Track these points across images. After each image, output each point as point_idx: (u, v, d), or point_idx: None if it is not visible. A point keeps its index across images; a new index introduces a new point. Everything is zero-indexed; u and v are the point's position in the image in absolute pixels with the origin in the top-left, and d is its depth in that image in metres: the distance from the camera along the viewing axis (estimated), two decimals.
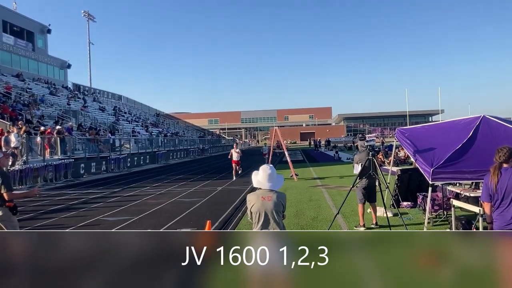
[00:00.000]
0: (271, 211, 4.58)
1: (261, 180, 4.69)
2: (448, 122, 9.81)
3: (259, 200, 4.59)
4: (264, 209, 4.55)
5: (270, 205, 4.58)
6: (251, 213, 4.66)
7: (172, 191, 17.42)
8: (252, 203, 4.63)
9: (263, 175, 4.69)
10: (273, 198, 4.64)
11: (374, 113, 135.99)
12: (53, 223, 11.12)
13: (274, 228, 4.54)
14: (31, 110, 31.39)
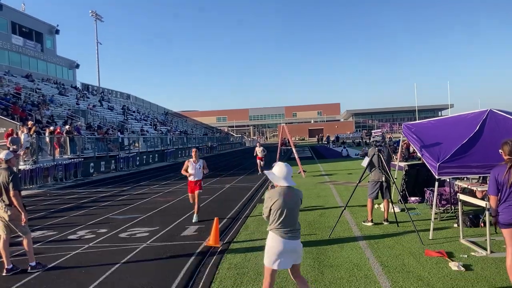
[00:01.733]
0: (293, 208, 4.54)
1: (280, 176, 4.62)
2: (455, 116, 9.76)
3: (281, 197, 4.50)
4: (286, 206, 4.49)
5: (292, 202, 4.54)
6: (270, 210, 4.56)
7: (181, 189, 17.52)
8: (273, 200, 4.53)
9: (281, 172, 4.63)
10: (294, 195, 4.62)
11: (382, 109, 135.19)
12: (63, 222, 11.26)
13: (292, 225, 4.50)
14: (41, 110, 31.69)
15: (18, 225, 6.87)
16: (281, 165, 4.69)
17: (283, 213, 4.48)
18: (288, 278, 5.91)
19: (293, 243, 4.49)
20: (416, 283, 5.63)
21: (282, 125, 24.24)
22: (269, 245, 4.49)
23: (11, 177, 6.76)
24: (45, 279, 6.54)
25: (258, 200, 13.74)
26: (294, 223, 4.55)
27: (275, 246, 4.43)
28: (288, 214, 4.49)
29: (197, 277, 6.32)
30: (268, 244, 4.51)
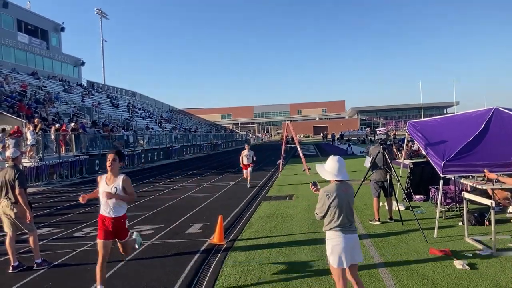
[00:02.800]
0: (349, 202, 4.49)
1: (333, 171, 4.52)
2: (460, 114, 9.73)
3: (339, 192, 4.44)
4: (344, 201, 4.44)
5: (348, 196, 4.50)
6: (328, 207, 4.45)
7: (186, 187, 17.57)
8: (332, 196, 4.43)
9: (334, 166, 4.53)
10: (349, 188, 4.56)
11: (388, 106, 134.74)
12: (68, 219, 11.32)
13: (349, 219, 4.46)
14: (46, 107, 31.82)
15: (24, 222, 6.92)
16: (333, 159, 4.58)
17: (342, 209, 4.42)
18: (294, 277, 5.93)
19: (353, 237, 4.47)
20: (420, 282, 5.63)
21: (286, 122, 24.22)
22: (333, 245, 4.42)
23: (17, 175, 6.81)
24: (50, 276, 6.59)
25: (262, 197, 13.75)
26: (352, 217, 4.52)
27: (338, 244, 4.39)
28: (346, 209, 4.45)
29: (201, 274, 6.35)
30: (331, 244, 4.45)
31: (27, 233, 7.06)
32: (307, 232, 8.72)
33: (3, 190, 6.86)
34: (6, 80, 35.19)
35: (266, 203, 12.71)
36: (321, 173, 4.62)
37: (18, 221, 6.90)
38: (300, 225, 9.40)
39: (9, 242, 6.94)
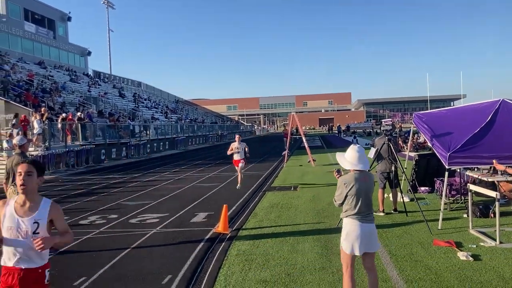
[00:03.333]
0: (368, 192, 4.52)
1: (353, 161, 4.53)
2: (467, 106, 9.67)
3: (357, 181, 4.46)
4: (363, 190, 4.47)
5: (367, 186, 4.53)
6: (346, 196, 4.49)
7: (191, 176, 17.63)
8: (350, 185, 4.46)
9: (354, 156, 4.54)
10: (369, 178, 4.59)
11: (394, 98, 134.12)
12: (75, 207, 11.42)
13: (368, 208, 4.49)
14: (53, 97, 31.94)
15: None
16: (353, 149, 4.60)
17: (360, 198, 4.45)
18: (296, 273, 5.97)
19: (370, 226, 4.50)
20: (423, 272, 5.64)
21: (292, 113, 24.17)
22: (348, 231, 4.46)
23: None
24: (57, 263, 6.64)
25: (267, 188, 13.78)
26: (370, 206, 4.55)
27: (353, 231, 4.42)
28: (365, 198, 4.48)
29: (205, 262, 6.40)
30: (346, 231, 4.48)
31: None
32: (311, 223, 8.75)
33: (11, 177, 6.93)
34: (13, 69, 35.32)
35: (271, 193, 12.75)
36: (341, 162, 4.66)
37: None
38: (305, 216, 9.43)
39: None
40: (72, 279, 5.85)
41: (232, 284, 5.47)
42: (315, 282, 5.46)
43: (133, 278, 5.84)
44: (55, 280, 5.85)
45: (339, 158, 4.73)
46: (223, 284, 5.49)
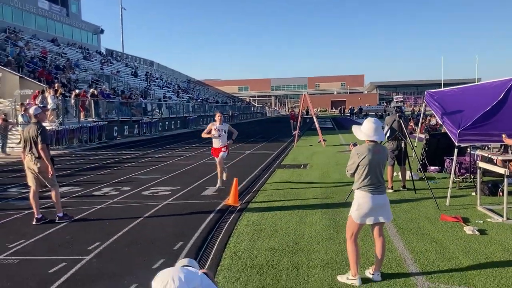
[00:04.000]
0: (380, 164, 4.59)
1: (368, 132, 4.61)
2: (479, 84, 9.62)
3: (370, 152, 4.53)
4: (375, 162, 4.54)
5: (380, 158, 4.60)
6: (357, 166, 4.57)
7: (202, 154, 17.79)
8: (362, 155, 4.53)
9: (370, 128, 4.61)
10: (382, 150, 4.67)
11: (407, 81, 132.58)
12: (88, 180, 11.66)
13: (379, 180, 4.57)
14: (66, 74, 32.19)
15: (46, 177, 7.19)
16: (370, 121, 4.66)
17: (372, 169, 4.52)
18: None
19: (382, 198, 4.59)
20: (429, 244, 5.74)
21: (304, 93, 24.10)
22: (359, 203, 4.55)
23: (40, 131, 7.05)
24: (71, 229, 6.88)
25: (277, 166, 13.90)
26: (381, 178, 4.62)
27: (365, 203, 4.51)
28: (376, 170, 4.55)
29: (216, 231, 6.56)
30: (357, 202, 4.58)
31: (50, 188, 7.34)
32: (320, 198, 8.87)
33: (28, 146, 7.12)
34: (27, 46, 35.55)
35: (281, 170, 12.86)
36: (356, 134, 4.74)
37: (41, 175, 7.17)
38: (314, 191, 9.54)
39: (33, 196, 7.24)
40: (86, 244, 6.05)
41: (241, 251, 5.62)
42: (322, 250, 5.59)
43: (145, 244, 6.03)
44: (70, 244, 6.09)
45: (355, 130, 4.83)
46: (232, 251, 5.64)
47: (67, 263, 5.32)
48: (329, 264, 5.10)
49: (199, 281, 1.64)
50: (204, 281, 1.72)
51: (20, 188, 10.54)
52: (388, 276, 4.69)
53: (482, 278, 4.60)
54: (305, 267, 5.02)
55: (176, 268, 1.64)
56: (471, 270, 4.82)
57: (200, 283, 1.64)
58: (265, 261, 5.26)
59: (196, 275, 1.65)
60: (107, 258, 5.51)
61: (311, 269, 4.95)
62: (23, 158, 7.30)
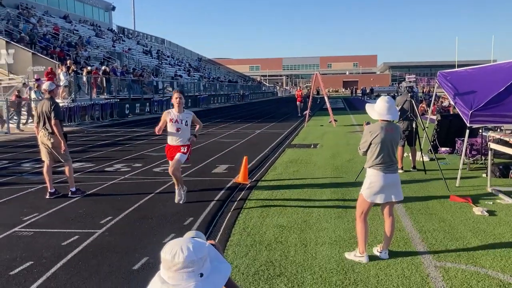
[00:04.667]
0: (392, 143, 4.60)
1: (381, 111, 4.59)
2: (493, 65, 9.48)
3: (383, 131, 4.53)
4: (387, 140, 4.54)
5: (393, 137, 4.59)
6: (370, 144, 4.58)
7: (213, 132, 17.87)
8: (375, 134, 4.54)
9: (383, 107, 4.59)
10: (395, 129, 4.67)
11: (421, 62, 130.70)
12: (100, 156, 11.80)
13: (391, 159, 4.57)
14: (78, 51, 32.24)
15: (59, 152, 7.30)
16: (383, 100, 4.65)
17: (384, 148, 4.52)
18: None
19: (394, 177, 4.61)
20: (437, 224, 5.76)
21: (315, 73, 23.92)
22: (371, 181, 4.57)
23: (53, 106, 7.13)
24: (84, 204, 7.01)
25: (287, 145, 13.91)
26: (393, 157, 4.63)
27: (377, 181, 4.53)
28: (388, 148, 4.55)
29: (225, 208, 6.64)
30: (369, 180, 4.60)
31: (63, 163, 7.46)
32: (330, 177, 8.89)
33: (41, 121, 7.22)
34: (39, 23, 35.58)
35: (291, 150, 12.89)
36: (370, 113, 4.72)
37: (54, 151, 7.28)
38: (323, 171, 9.57)
39: (46, 171, 7.36)
40: (98, 218, 6.18)
41: (250, 228, 5.70)
42: (331, 228, 5.64)
43: (156, 219, 6.14)
44: (82, 218, 6.21)
45: (368, 109, 4.80)
46: (241, 227, 5.72)
47: (80, 236, 5.45)
48: (337, 242, 5.15)
49: (206, 251, 1.68)
50: (211, 252, 1.76)
51: (34, 163, 10.71)
52: (395, 254, 4.74)
53: (489, 258, 4.62)
54: (313, 244, 5.08)
55: (185, 239, 1.68)
56: (479, 250, 4.85)
57: (207, 254, 1.68)
58: (273, 237, 5.33)
59: (204, 245, 1.70)
60: (118, 232, 5.63)
61: (319, 246, 5.02)
62: (37, 133, 7.41)
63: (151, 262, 4.62)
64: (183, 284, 1.57)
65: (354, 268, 4.41)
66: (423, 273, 4.27)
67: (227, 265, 1.76)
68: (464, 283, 4.06)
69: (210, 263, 1.68)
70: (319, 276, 4.24)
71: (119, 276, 4.30)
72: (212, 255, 1.74)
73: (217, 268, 1.69)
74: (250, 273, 4.33)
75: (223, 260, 1.79)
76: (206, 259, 1.65)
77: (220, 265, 1.73)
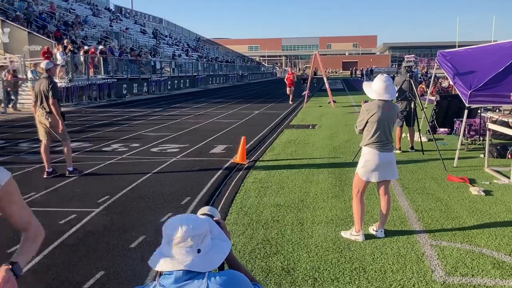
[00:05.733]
0: (389, 122, 4.59)
1: (379, 90, 4.56)
2: (493, 45, 9.39)
3: (380, 110, 4.52)
4: (384, 119, 4.53)
5: (390, 115, 4.57)
6: (367, 122, 4.57)
7: (211, 113, 17.82)
8: (372, 112, 4.53)
9: (380, 86, 4.56)
10: (392, 108, 4.63)
11: (421, 43, 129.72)
12: (97, 136, 11.77)
13: (387, 138, 4.56)
14: (75, 30, 31.89)
15: (57, 132, 7.27)
16: (380, 79, 4.62)
17: (380, 127, 4.51)
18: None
19: (389, 155, 4.60)
20: (434, 203, 5.78)
21: (315, 53, 23.70)
22: (366, 159, 4.57)
23: (51, 86, 7.07)
24: (81, 183, 7.01)
25: (285, 126, 13.89)
26: (390, 136, 4.62)
27: (372, 160, 4.52)
28: (385, 127, 4.54)
29: (223, 188, 6.65)
30: (364, 158, 4.59)
31: (62, 142, 7.43)
32: (327, 157, 8.90)
33: (38, 100, 7.17)
34: (35, 1, 35.10)
35: (289, 130, 12.87)
36: (367, 92, 4.68)
37: (52, 130, 7.25)
38: (321, 151, 9.56)
39: (44, 150, 7.34)
40: (96, 197, 6.19)
41: (247, 207, 5.71)
42: (327, 207, 5.66)
43: (154, 198, 6.15)
44: (79, 197, 6.22)
45: (365, 88, 4.76)
46: (239, 206, 5.74)
47: (77, 215, 5.46)
48: (333, 221, 5.17)
49: (207, 228, 1.69)
50: (214, 229, 1.78)
51: (31, 142, 10.69)
52: (391, 233, 4.76)
53: (484, 237, 4.65)
54: (310, 223, 5.10)
55: (187, 215, 1.71)
56: (474, 229, 4.87)
57: (208, 231, 1.70)
58: (270, 216, 5.35)
59: (205, 222, 1.71)
60: (116, 211, 5.64)
61: (316, 225, 5.04)
62: (34, 112, 7.37)
63: (148, 240, 4.64)
64: (180, 258, 1.61)
65: (350, 247, 4.44)
66: (419, 252, 4.30)
67: (227, 243, 1.78)
68: (459, 261, 4.09)
69: (211, 240, 1.70)
70: (315, 254, 4.27)
71: (117, 254, 4.32)
72: (214, 232, 1.76)
73: (217, 245, 1.72)
74: (247, 251, 4.35)
75: (225, 239, 1.81)
76: (206, 236, 1.67)
77: (221, 243, 1.76)
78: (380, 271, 3.91)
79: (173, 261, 1.61)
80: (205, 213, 1.93)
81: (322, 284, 3.69)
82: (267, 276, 3.82)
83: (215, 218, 1.91)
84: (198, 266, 1.61)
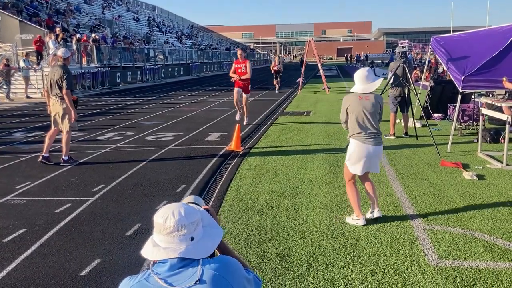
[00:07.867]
0: (371, 112, 4.50)
1: (356, 81, 4.57)
2: (486, 30, 9.39)
3: (356, 99, 4.50)
4: (361, 109, 4.47)
5: (367, 105, 4.49)
6: (346, 114, 4.59)
7: (205, 101, 17.79)
8: (348, 103, 4.54)
9: (359, 76, 4.55)
10: (371, 98, 4.54)
11: (416, 28, 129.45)
12: (93, 125, 11.74)
13: (370, 129, 4.48)
14: (67, 18, 31.55)
15: (64, 119, 7.26)
16: (362, 70, 4.63)
17: (360, 117, 4.47)
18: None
19: (375, 148, 4.56)
20: (427, 189, 5.83)
21: (309, 39, 23.60)
22: (351, 152, 4.59)
23: (66, 76, 7.04)
24: (76, 172, 7.01)
25: (280, 113, 13.89)
26: (374, 127, 4.53)
27: (357, 152, 4.52)
28: (363, 117, 4.47)
29: (218, 175, 6.67)
30: (350, 152, 4.61)
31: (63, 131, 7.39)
32: (322, 144, 8.92)
33: (52, 88, 7.16)
34: None
35: (284, 117, 12.88)
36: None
37: (62, 117, 7.23)
38: (316, 138, 9.59)
39: (50, 135, 7.38)
40: (91, 186, 6.19)
41: (242, 194, 5.74)
42: (322, 194, 5.70)
43: (149, 186, 6.16)
44: (74, 186, 6.22)
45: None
46: (234, 193, 5.77)
47: (73, 203, 5.47)
48: (327, 207, 5.21)
49: (199, 216, 1.71)
50: (205, 217, 1.79)
51: (25, 132, 10.64)
52: (385, 218, 4.80)
53: (477, 221, 4.71)
54: (304, 209, 5.14)
55: (177, 204, 1.71)
56: (467, 213, 4.92)
57: (200, 219, 1.71)
58: (265, 203, 5.38)
59: (196, 211, 1.72)
60: (111, 199, 5.65)
61: (310, 211, 5.08)
62: (48, 99, 7.39)
63: (143, 228, 4.66)
64: (174, 247, 1.62)
65: (344, 232, 4.48)
66: (412, 236, 4.35)
67: (219, 230, 1.79)
68: (452, 244, 4.14)
69: (203, 228, 1.72)
70: (310, 239, 4.31)
71: (112, 242, 4.34)
72: (205, 220, 1.77)
73: (209, 233, 1.73)
74: (242, 237, 4.39)
75: (216, 226, 1.82)
76: (198, 224, 1.68)
77: (212, 230, 1.77)
78: (374, 255, 3.96)
79: (167, 250, 1.62)
80: (190, 201, 1.93)
81: (317, 269, 3.73)
82: (262, 262, 3.86)
83: (202, 206, 1.92)
84: (192, 253, 1.63)
